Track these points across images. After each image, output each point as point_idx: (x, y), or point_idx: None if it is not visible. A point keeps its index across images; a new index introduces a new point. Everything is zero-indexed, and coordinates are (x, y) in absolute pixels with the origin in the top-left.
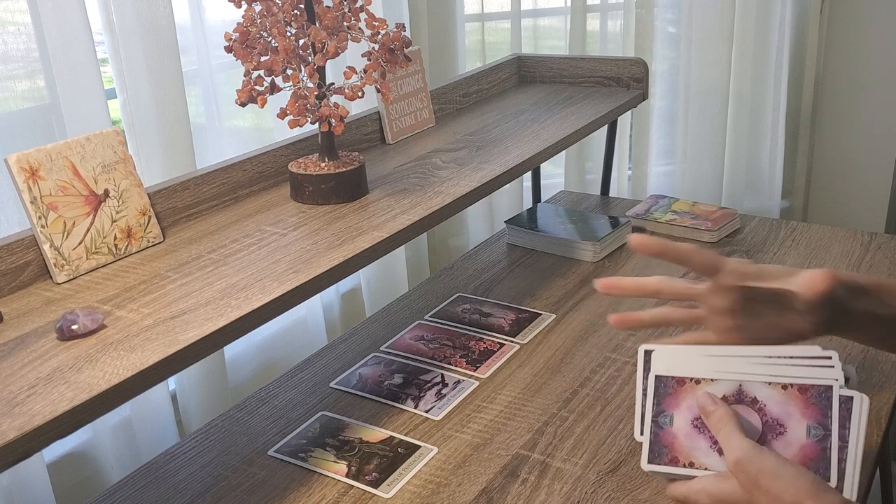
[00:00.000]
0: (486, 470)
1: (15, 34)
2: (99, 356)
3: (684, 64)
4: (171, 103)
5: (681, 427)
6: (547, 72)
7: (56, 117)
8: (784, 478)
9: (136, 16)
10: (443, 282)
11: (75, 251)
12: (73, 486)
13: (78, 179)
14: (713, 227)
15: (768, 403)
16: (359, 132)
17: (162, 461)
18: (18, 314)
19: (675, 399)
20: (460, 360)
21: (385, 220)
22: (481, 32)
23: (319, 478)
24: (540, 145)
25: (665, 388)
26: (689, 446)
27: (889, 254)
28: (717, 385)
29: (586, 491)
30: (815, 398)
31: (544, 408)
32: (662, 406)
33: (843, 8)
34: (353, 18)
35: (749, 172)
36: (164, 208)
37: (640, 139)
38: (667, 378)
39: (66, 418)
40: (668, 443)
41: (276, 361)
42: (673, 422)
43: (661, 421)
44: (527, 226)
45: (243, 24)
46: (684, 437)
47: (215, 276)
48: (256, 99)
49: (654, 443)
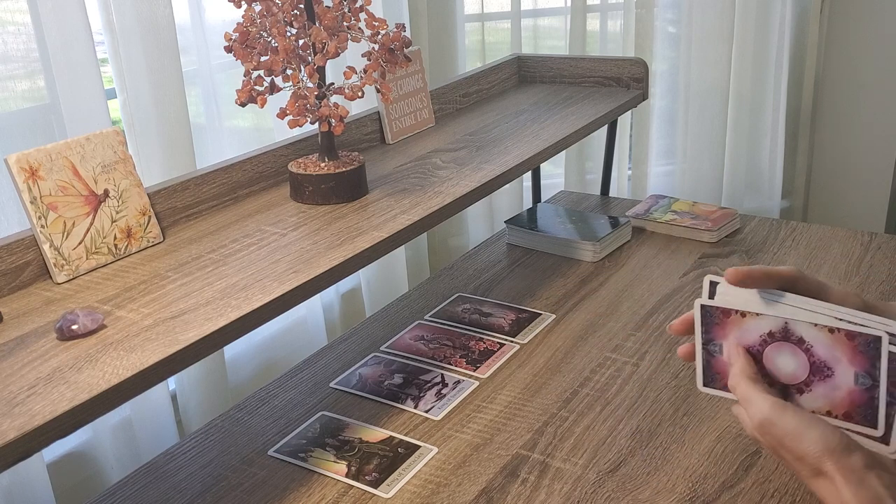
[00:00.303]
0: (486, 470)
1: (15, 34)
2: (99, 356)
3: (684, 64)
4: (171, 103)
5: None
6: (547, 72)
7: (56, 117)
8: (807, 439)
9: (136, 16)
10: (443, 282)
11: (75, 251)
12: (73, 486)
13: (78, 179)
14: (713, 227)
15: (815, 345)
16: (359, 132)
17: (162, 461)
18: (18, 314)
19: (722, 329)
20: (460, 360)
21: (385, 220)
22: (481, 32)
23: (319, 478)
24: (540, 145)
25: (711, 317)
26: None
27: (889, 254)
28: (762, 320)
29: (586, 491)
30: (862, 347)
31: (544, 408)
32: (711, 335)
33: (843, 8)
34: (353, 18)
35: (749, 172)
36: (164, 208)
37: (640, 139)
38: (713, 308)
39: (66, 418)
40: (719, 370)
41: (276, 361)
42: (722, 350)
43: (711, 349)
44: (527, 226)
45: (243, 24)
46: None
47: (215, 276)
48: (256, 99)
49: (707, 367)
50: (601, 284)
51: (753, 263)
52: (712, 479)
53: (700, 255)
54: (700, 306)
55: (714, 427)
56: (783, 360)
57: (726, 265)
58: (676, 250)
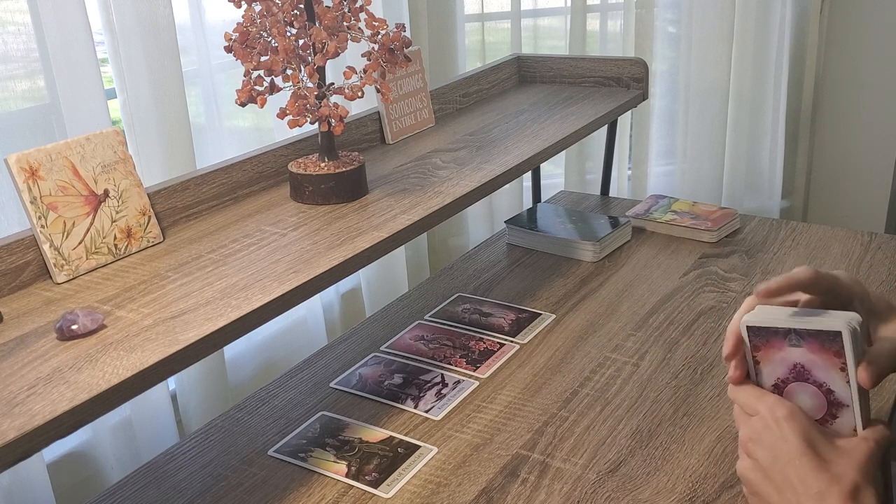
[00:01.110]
0: (486, 470)
1: (15, 34)
2: (99, 356)
3: (684, 64)
4: (171, 103)
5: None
6: (547, 72)
7: (56, 117)
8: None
9: (136, 16)
10: (443, 282)
11: (75, 251)
12: (73, 486)
13: (78, 179)
14: (713, 227)
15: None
16: (359, 132)
17: (162, 461)
18: (18, 314)
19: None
20: (460, 360)
21: (385, 220)
22: (481, 32)
23: (319, 478)
24: (540, 145)
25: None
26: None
27: (889, 254)
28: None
29: (586, 491)
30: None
31: (544, 408)
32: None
33: (843, 8)
34: (353, 18)
35: (749, 172)
36: (164, 208)
37: (640, 139)
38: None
39: (66, 418)
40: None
41: (276, 361)
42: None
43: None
44: (527, 226)
45: (243, 24)
46: None
47: (215, 276)
48: (256, 99)
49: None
50: (601, 284)
51: (753, 263)
52: (712, 479)
53: (700, 255)
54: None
55: (714, 427)
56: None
57: (726, 265)
58: (676, 250)
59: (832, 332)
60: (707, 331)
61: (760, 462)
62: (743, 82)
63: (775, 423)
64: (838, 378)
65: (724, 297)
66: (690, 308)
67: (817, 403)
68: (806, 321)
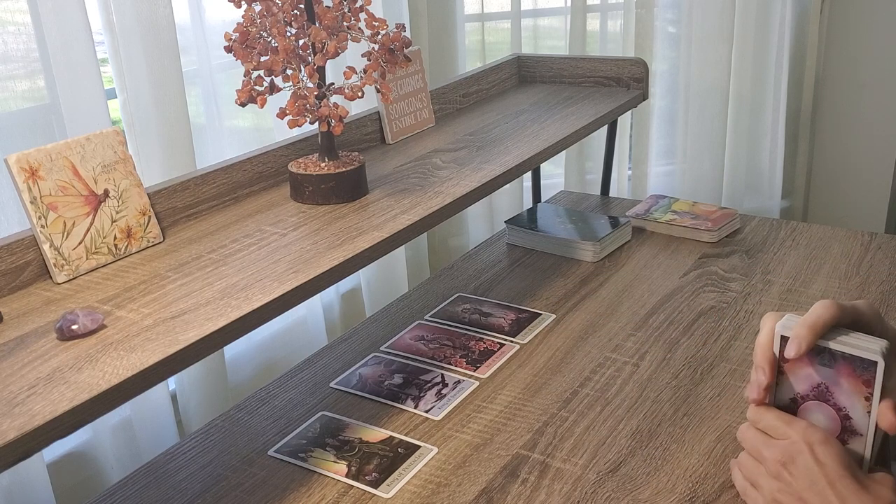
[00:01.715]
0: (486, 470)
1: (15, 34)
2: (99, 356)
3: (684, 64)
4: (171, 103)
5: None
6: (547, 72)
7: (56, 117)
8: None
9: (136, 16)
10: (443, 282)
11: (75, 251)
12: (73, 486)
13: (78, 179)
14: (713, 227)
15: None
16: (359, 132)
17: (162, 461)
18: (18, 314)
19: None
20: (460, 360)
21: (385, 220)
22: (481, 32)
23: (319, 478)
24: (540, 145)
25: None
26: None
27: (889, 254)
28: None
29: (586, 491)
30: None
31: (544, 408)
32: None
33: (843, 8)
34: (353, 18)
35: (749, 172)
36: (164, 208)
37: (640, 139)
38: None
39: (66, 418)
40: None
41: (276, 361)
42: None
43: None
44: (527, 226)
45: (243, 24)
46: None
47: (215, 276)
48: (256, 99)
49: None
50: (601, 284)
51: (754, 263)
52: (712, 479)
53: (700, 255)
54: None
55: (714, 427)
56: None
57: (726, 265)
58: (676, 250)
59: (868, 360)
60: (707, 331)
61: (794, 486)
62: (743, 82)
63: (809, 448)
64: (860, 406)
65: (724, 297)
66: (690, 308)
67: (831, 427)
68: (842, 343)
